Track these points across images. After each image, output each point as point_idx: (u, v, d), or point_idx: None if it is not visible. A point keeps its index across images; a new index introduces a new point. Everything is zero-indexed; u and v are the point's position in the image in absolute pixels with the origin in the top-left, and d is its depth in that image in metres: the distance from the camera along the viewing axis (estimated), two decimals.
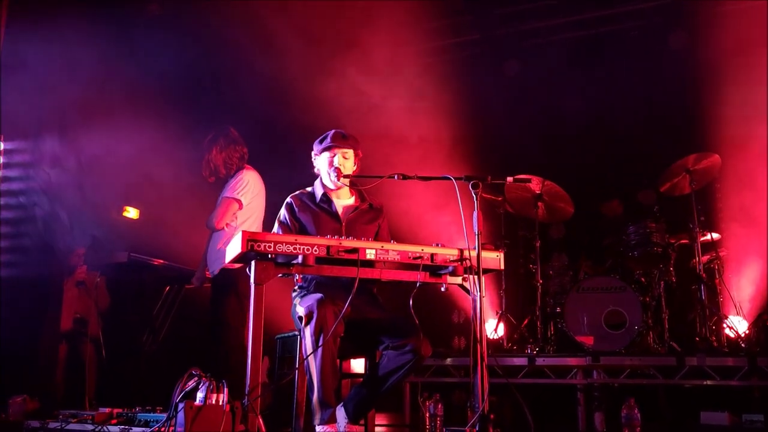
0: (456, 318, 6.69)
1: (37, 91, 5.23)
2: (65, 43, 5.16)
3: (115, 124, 5.54)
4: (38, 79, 5.20)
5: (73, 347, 5.29)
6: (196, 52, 6.02)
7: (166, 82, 5.77)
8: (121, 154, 5.51)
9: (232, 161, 4.72)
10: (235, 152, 4.73)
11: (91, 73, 5.44)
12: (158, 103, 5.70)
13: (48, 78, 5.28)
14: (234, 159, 4.73)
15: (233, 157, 4.72)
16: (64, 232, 5.27)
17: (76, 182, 5.43)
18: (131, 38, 5.88)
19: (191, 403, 2.78)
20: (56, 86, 5.36)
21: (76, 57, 5.26)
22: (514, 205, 6.18)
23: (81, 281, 5.37)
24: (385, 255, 3.15)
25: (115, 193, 5.78)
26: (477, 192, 3.20)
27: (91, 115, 5.53)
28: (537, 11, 7.15)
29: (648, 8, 6.90)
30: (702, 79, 6.32)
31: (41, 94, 5.29)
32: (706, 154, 5.56)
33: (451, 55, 7.55)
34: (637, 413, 3.84)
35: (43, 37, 5.18)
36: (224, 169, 4.72)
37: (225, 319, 4.50)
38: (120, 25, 5.88)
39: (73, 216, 5.34)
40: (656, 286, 5.55)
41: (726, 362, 4.76)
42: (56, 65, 5.27)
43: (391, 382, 3.32)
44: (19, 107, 5.05)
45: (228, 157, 4.72)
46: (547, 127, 6.99)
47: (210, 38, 6.08)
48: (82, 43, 5.21)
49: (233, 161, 4.72)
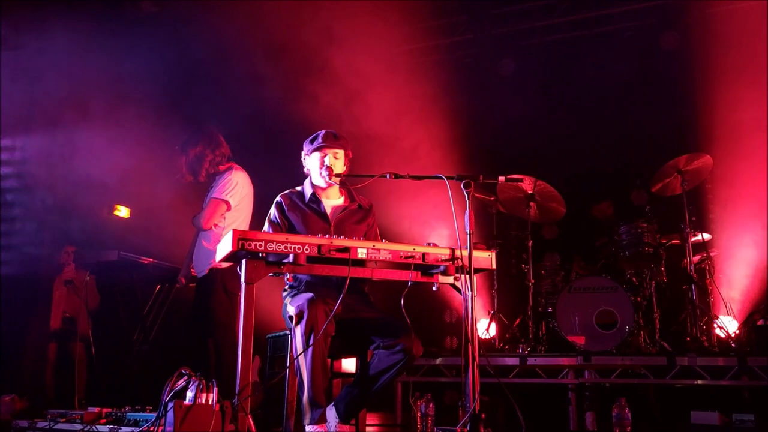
0: (448, 317, 6.71)
1: (26, 88, 5.20)
2: (55, 41, 5.13)
3: (105, 122, 5.51)
4: (27, 76, 5.17)
5: (62, 346, 5.26)
6: (188, 50, 5.99)
7: (157, 80, 5.74)
8: (111, 152, 5.47)
9: (207, 162, 4.55)
10: (211, 153, 4.57)
11: (80, 71, 5.40)
12: (148, 102, 5.67)
13: (37, 75, 5.25)
14: (217, 158, 4.56)
15: (208, 156, 4.56)
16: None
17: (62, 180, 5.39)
18: (123, 36, 5.85)
19: (181, 403, 2.76)
20: (46, 84, 5.33)
21: (65, 55, 5.23)
22: (507, 204, 6.18)
23: (69, 280, 5.33)
24: (377, 254, 3.14)
25: (105, 192, 5.75)
26: (469, 191, 3.19)
27: (81, 113, 5.49)
28: (530, 12, 7.16)
29: (640, 9, 6.93)
30: (694, 79, 6.35)
31: (31, 91, 5.26)
32: (698, 154, 5.58)
33: (445, 55, 7.55)
34: (628, 413, 3.85)
35: (33, 34, 5.15)
36: (199, 169, 4.57)
37: (215, 317, 4.45)
38: (111, 23, 5.85)
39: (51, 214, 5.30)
40: (647, 286, 5.57)
41: (716, 362, 4.78)
42: (46, 63, 5.24)
43: (382, 382, 3.31)
44: (7, 104, 5.01)
45: (200, 156, 4.56)
46: (540, 127, 7.00)
47: (202, 36, 6.05)
48: (71, 41, 5.18)
49: (207, 160, 4.55)
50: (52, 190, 5.39)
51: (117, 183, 5.71)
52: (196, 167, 4.58)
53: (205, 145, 4.60)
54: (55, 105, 5.47)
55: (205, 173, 4.59)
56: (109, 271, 5.23)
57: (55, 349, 5.26)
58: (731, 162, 6.02)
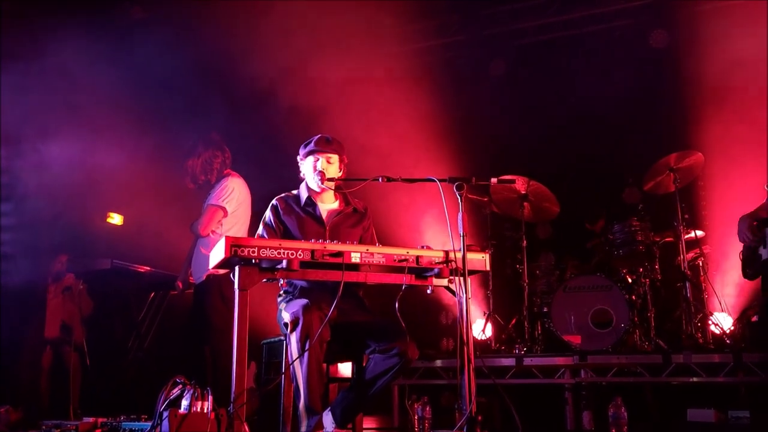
0: (444, 319, 6.70)
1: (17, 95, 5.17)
2: (44, 48, 5.11)
3: (98, 129, 5.48)
4: (18, 83, 5.15)
5: (57, 355, 5.24)
6: (180, 56, 5.97)
7: (150, 86, 5.72)
8: (105, 159, 5.45)
9: (212, 167, 4.65)
10: (216, 158, 4.66)
11: (71, 78, 5.38)
12: (141, 109, 5.65)
13: (28, 82, 5.23)
14: (215, 164, 4.66)
15: (213, 162, 4.65)
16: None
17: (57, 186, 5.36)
18: (113, 43, 5.82)
19: (176, 411, 2.75)
20: (38, 91, 5.30)
21: (55, 62, 5.21)
22: (500, 205, 6.18)
23: (68, 287, 5.32)
24: (370, 258, 3.14)
25: (98, 199, 5.73)
26: (462, 193, 3.19)
27: (73, 120, 5.47)
28: (522, 11, 7.17)
29: (631, 8, 6.94)
30: (684, 77, 6.37)
31: (22, 98, 5.23)
32: (689, 152, 5.59)
33: (438, 55, 7.55)
34: (624, 412, 3.86)
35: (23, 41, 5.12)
36: (203, 175, 4.65)
37: (212, 323, 4.46)
38: (101, 29, 5.82)
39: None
40: (642, 284, 5.58)
41: (712, 359, 4.78)
42: (36, 69, 5.22)
43: (378, 386, 3.30)
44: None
45: (207, 163, 4.65)
46: (532, 126, 7.01)
47: (193, 41, 6.03)
48: (60, 48, 5.16)
49: (213, 167, 4.65)
50: (45, 199, 5.36)
51: (109, 190, 5.69)
52: (207, 169, 4.66)
53: (215, 149, 4.69)
54: (47, 112, 5.44)
55: (216, 175, 4.64)
56: (102, 280, 5.21)
57: (50, 358, 5.23)
58: (723, 159, 6.04)
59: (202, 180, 4.66)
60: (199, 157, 4.65)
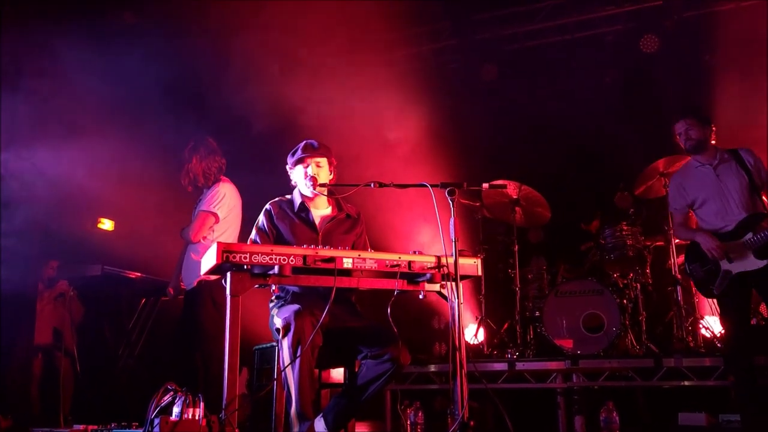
0: (436, 324, 6.70)
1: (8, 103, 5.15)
2: (35, 55, 5.09)
3: (88, 135, 5.46)
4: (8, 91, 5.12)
5: (48, 362, 5.20)
6: (171, 62, 5.96)
7: (140, 92, 5.70)
8: (95, 165, 5.43)
9: (210, 171, 4.70)
10: (214, 162, 4.71)
11: (62, 83, 5.36)
12: (131, 114, 5.63)
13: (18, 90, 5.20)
14: (213, 169, 4.70)
15: (212, 167, 4.70)
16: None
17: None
18: (105, 48, 5.80)
19: (167, 419, 2.74)
20: (29, 96, 5.28)
21: (47, 68, 5.19)
22: (492, 210, 6.20)
23: (62, 293, 5.29)
24: (362, 263, 3.14)
25: (89, 205, 5.70)
26: (453, 199, 3.21)
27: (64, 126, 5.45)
28: (513, 17, 7.20)
29: (622, 13, 6.99)
30: (674, 82, 6.41)
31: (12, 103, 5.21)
32: (678, 156, 5.61)
33: (429, 61, 7.57)
34: (616, 416, 3.87)
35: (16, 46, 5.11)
36: (203, 178, 4.69)
37: (204, 329, 4.44)
38: (93, 34, 5.80)
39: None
40: (633, 288, 5.60)
41: (703, 362, 4.81)
42: (26, 77, 5.20)
43: (371, 392, 3.30)
44: None
45: (207, 167, 4.69)
46: (523, 131, 7.04)
47: (184, 47, 6.03)
48: (52, 54, 5.14)
49: (212, 171, 4.70)
50: (35, 205, 5.33)
51: (100, 196, 5.67)
52: (207, 174, 4.68)
53: (215, 154, 4.73)
54: (37, 119, 5.41)
55: (213, 180, 4.66)
56: (93, 286, 5.18)
57: (41, 365, 5.19)
58: None
59: (200, 184, 4.69)
60: (201, 161, 4.68)
